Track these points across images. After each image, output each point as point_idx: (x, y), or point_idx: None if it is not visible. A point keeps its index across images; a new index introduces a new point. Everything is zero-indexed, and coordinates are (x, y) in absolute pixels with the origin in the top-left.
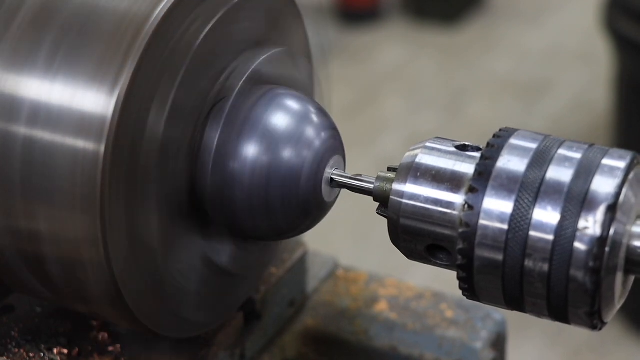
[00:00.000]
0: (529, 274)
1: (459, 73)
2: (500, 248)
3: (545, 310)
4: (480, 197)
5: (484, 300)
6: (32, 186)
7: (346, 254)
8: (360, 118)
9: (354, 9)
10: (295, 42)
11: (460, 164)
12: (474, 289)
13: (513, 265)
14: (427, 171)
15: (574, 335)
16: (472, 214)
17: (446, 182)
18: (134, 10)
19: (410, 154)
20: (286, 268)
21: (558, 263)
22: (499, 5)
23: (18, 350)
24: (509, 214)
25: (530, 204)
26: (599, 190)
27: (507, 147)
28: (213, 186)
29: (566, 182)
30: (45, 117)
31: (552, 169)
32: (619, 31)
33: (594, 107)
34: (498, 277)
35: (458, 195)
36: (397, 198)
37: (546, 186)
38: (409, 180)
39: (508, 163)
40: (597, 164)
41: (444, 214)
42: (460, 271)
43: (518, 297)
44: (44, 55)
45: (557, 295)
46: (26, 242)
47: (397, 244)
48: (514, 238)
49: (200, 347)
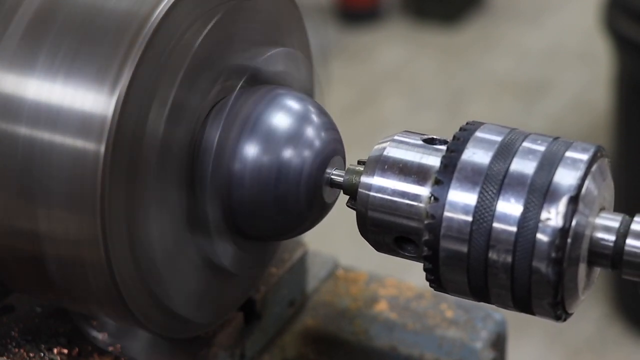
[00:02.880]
0: (493, 265)
1: (459, 73)
2: (464, 240)
3: (510, 301)
4: (445, 189)
5: (450, 292)
6: (32, 186)
7: (346, 254)
8: (360, 118)
9: (354, 9)
10: (295, 42)
11: (427, 157)
12: (440, 280)
13: (477, 257)
14: (394, 164)
15: (574, 335)
16: (437, 205)
17: (413, 174)
18: (134, 10)
19: (378, 147)
20: (286, 268)
21: (521, 254)
22: (499, 5)
23: (18, 350)
24: (473, 206)
25: (494, 196)
26: (561, 182)
27: (473, 139)
28: (213, 186)
29: (529, 174)
30: (46, 117)
31: (516, 161)
32: (619, 31)
33: (594, 107)
34: (463, 269)
35: (424, 187)
36: (365, 191)
37: (510, 178)
38: (377, 173)
39: (473, 155)
40: (560, 157)
41: (410, 206)
42: (426, 262)
43: (483, 288)
44: (44, 55)
45: (521, 286)
46: (26, 242)
47: (366, 236)
48: (478, 230)
49: (200, 347)
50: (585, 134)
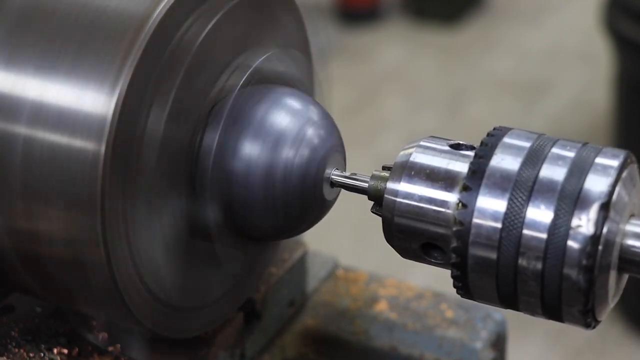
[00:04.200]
0: (522, 273)
1: (459, 73)
2: (494, 247)
3: (539, 309)
4: (473, 195)
5: (478, 299)
6: (32, 186)
7: (346, 254)
8: (360, 118)
9: (354, 9)
10: (295, 42)
11: (454, 162)
12: (468, 287)
13: (507, 264)
14: (421, 170)
15: (574, 336)
16: (466, 212)
17: (440, 180)
18: (134, 10)
19: (404, 153)
20: (286, 268)
21: (551, 261)
22: (499, 5)
23: (18, 350)
24: (503, 213)
25: (523, 203)
26: (592, 188)
27: (501, 145)
28: (213, 186)
29: (559, 180)
30: (46, 117)
31: (546, 167)
32: (619, 31)
33: (594, 107)
34: (492, 276)
35: (452, 193)
36: (391, 197)
37: (539, 185)
38: (403, 179)
39: (501, 161)
40: (590, 163)
41: (437, 212)
42: (454, 269)
43: (512, 296)
44: (44, 54)
45: (551, 293)
46: (26, 242)
47: (392, 243)
48: (508, 236)
49: (200, 347)
50: (585, 134)
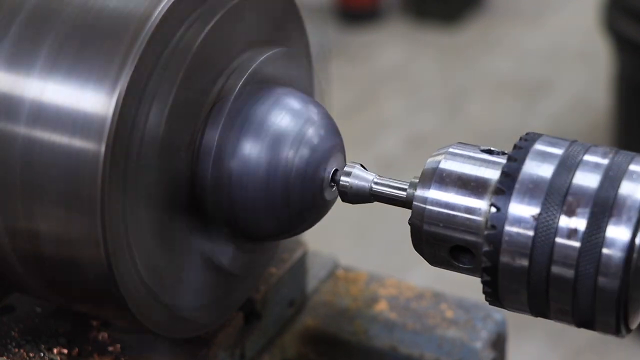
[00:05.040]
0: (555, 281)
1: (459, 73)
2: (525, 254)
3: (570, 317)
4: (506, 198)
5: (507, 305)
6: (32, 186)
7: (346, 254)
8: (360, 118)
9: (354, 9)
10: (295, 42)
11: (485, 169)
12: (498, 293)
13: (539, 271)
14: (450, 176)
15: (574, 336)
16: (499, 215)
17: (470, 187)
18: (134, 10)
19: (433, 160)
20: (286, 268)
21: (585, 269)
22: (499, 5)
23: (18, 350)
24: (536, 220)
25: (556, 210)
26: (626, 196)
27: (532, 152)
28: (213, 186)
29: (593, 188)
30: (45, 117)
31: (579, 174)
32: (619, 31)
33: (594, 107)
34: (523, 283)
35: (482, 200)
36: (420, 204)
37: (573, 192)
38: (433, 186)
39: (534, 168)
40: (624, 170)
41: (468, 219)
42: (484, 274)
43: (543, 303)
44: (43, 55)
45: (584, 301)
46: (26, 242)
47: (420, 250)
48: (541, 244)
49: (200, 347)
50: (585, 133)
